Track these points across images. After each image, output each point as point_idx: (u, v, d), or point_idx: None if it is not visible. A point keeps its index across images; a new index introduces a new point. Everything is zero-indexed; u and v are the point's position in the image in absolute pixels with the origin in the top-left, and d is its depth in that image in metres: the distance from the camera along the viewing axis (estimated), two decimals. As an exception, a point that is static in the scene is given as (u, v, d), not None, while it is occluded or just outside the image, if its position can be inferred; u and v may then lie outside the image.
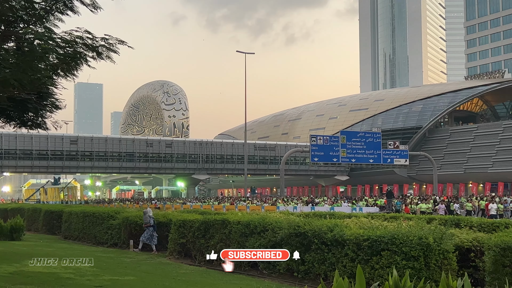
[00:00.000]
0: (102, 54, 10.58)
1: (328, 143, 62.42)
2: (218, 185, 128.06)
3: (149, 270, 13.76)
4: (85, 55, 10.59)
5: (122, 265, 14.41)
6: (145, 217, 18.99)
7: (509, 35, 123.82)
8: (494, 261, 9.51)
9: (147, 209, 20.09)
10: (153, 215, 19.18)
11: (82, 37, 10.34)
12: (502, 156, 75.89)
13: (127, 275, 12.25)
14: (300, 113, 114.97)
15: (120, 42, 10.61)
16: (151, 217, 18.98)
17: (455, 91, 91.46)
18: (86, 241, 22.82)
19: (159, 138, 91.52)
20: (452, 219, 14.36)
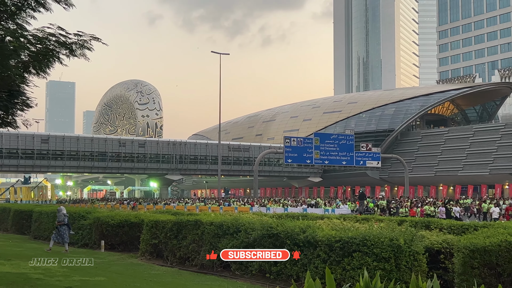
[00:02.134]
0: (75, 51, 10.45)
1: (301, 145, 62.66)
2: (192, 186, 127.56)
3: (120, 271, 13.63)
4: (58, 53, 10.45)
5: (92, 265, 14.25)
6: (59, 215, 18.82)
7: (480, 40, 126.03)
8: (463, 263, 9.66)
9: (61, 207, 19.90)
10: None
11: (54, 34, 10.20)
12: (472, 159, 77.14)
13: (97, 276, 12.12)
14: (275, 115, 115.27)
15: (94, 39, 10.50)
16: (65, 215, 18.84)
17: (427, 94, 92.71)
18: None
19: (132, 138, 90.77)
20: (422, 221, 14.54)
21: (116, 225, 18.84)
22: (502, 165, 73.05)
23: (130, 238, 18.67)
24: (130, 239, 18.66)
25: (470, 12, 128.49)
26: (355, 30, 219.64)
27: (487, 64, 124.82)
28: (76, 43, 10.36)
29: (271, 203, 51.97)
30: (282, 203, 53.15)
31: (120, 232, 18.86)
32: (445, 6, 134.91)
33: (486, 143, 76.21)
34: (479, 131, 79.37)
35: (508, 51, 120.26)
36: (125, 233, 18.81)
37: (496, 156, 74.25)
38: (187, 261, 14.44)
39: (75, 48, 10.41)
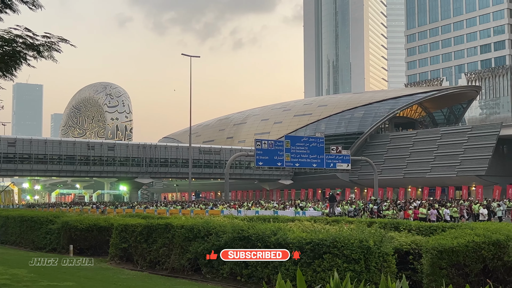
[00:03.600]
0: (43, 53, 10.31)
1: (272, 148, 62.83)
2: (162, 189, 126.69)
3: (89, 276, 13.45)
4: (25, 54, 10.29)
5: (61, 270, 14.03)
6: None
7: (447, 44, 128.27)
8: (432, 264, 9.80)
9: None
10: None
11: (21, 35, 10.04)
12: (440, 161, 78.41)
13: (66, 281, 11.94)
14: (246, 117, 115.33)
15: (62, 40, 10.37)
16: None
17: (395, 98, 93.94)
18: (23, 246, 22.11)
19: (101, 141, 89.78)
20: (391, 222, 14.71)
21: (85, 229, 18.58)
22: (469, 167, 74.40)
23: (99, 242, 18.44)
24: (99, 243, 18.43)
25: (438, 16, 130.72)
26: (325, 33, 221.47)
27: (454, 67, 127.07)
28: (44, 45, 10.22)
29: (255, 206, 51.55)
30: (266, 206, 52.56)
31: (89, 236, 18.61)
32: (413, 10, 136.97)
33: (453, 145, 77.55)
34: (446, 134, 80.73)
35: (474, 55, 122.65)
36: (94, 237, 18.57)
37: (463, 158, 75.60)
38: (158, 265, 14.33)
39: (42, 50, 10.27)
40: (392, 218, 32.40)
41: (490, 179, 72.57)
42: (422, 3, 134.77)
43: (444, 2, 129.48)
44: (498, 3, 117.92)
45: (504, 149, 79.19)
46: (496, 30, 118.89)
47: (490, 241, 10.14)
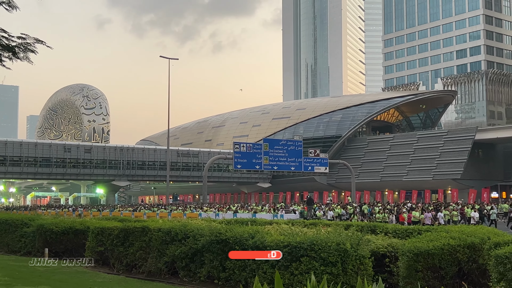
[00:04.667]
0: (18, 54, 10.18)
1: (251, 151, 62.83)
2: (139, 192, 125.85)
3: (64, 279, 13.28)
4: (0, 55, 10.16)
5: (35, 273, 13.84)
6: None
7: (424, 49, 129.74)
8: (408, 266, 9.89)
9: None
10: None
11: (-4, 36, 9.90)
12: (416, 165, 79.19)
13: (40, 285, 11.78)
14: (224, 120, 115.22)
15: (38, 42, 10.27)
16: None
17: (372, 102, 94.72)
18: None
19: (77, 143, 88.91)
20: (368, 225, 14.80)
21: (61, 232, 18.35)
22: (445, 171, 75.29)
23: (75, 246, 18.22)
24: (75, 246, 18.21)
25: (414, 21, 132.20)
26: (304, 37, 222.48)
27: (430, 72, 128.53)
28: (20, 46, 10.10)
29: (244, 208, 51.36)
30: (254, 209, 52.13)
31: (64, 239, 18.39)
32: (390, 15, 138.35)
33: (429, 149, 78.41)
34: (422, 138, 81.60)
35: (451, 60, 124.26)
36: (70, 240, 18.35)
37: (439, 162, 76.48)
38: (134, 269, 14.22)
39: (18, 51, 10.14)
40: (383, 222, 32.49)
41: (466, 183, 73.52)
42: (399, 8, 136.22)
43: (421, 7, 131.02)
44: (474, 9, 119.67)
45: (479, 153, 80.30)
46: (472, 36, 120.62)
47: (465, 244, 10.28)
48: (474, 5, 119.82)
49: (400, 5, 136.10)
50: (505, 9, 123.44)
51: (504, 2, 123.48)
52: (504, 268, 8.15)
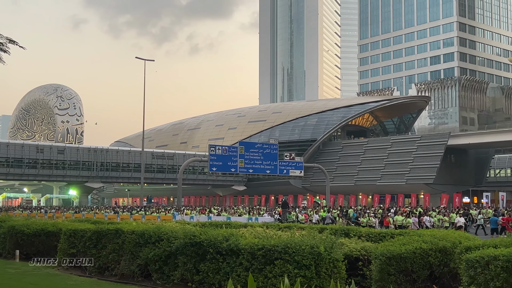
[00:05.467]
0: (-10, 53, 10.01)
1: (226, 153, 62.70)
2: (113, 194, 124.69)
3: (35, 282, 13.09)
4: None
5: (5, 276, 13.61)
6: None
7: (398, 55, 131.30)
8: (381, 270, 9.98)
9: None
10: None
11: (-32, 35, 9.72)
12: (390, 169, 79.94)
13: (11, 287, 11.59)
14: (200, 123, 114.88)
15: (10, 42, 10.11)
16: None
17: (348, 106, 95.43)
18: (-34, 252, 21.31)
19: (50, 144, 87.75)
20: (342, 228, 14.88)
21: (32, 234, 18.10)
22: (418, 176, 76.12)
23: (47, 248, 17.97)
24: (47, 248, 17.96)
25: (390, 27, 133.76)
26: (280, 41, 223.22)
27: (404, 78, 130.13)
28: (-8, 45, 9.93)
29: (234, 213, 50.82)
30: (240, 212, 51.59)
31: (36, 241, 18.13)
32: (366, 21, 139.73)
33: (403, 154, 79.21)
34: (396, 142, 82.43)
35: (425, 66, 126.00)
36: (41, 242, 18.10)
37: (412, 167, 77.31)
38: (107, 271, 14.09)
39: (-10, 50, 9.97)
40: (368, 226, 32.58)
41: (438, 188, 74.43)
42: (375, 14, 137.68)
43: (396, 13, 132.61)
44: (448, 16, 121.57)
45: (452, 158, 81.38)
46: (445, 43, 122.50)
47: (437, 248, 10.41)
48: (448, 12, 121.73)
49: (375, 11, 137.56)
50: (478, 17, 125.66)
51: (478, 10, 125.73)
52: (475, 272, 8.27)
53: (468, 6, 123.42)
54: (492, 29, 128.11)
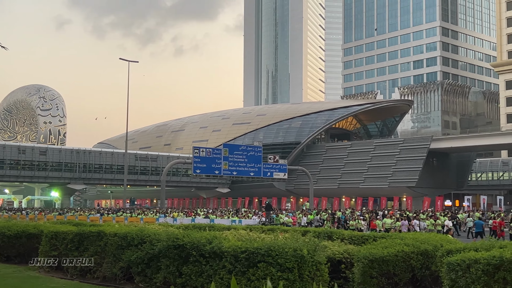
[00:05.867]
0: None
1: (210, 155, 62.67)
2: (96, 196, 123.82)
3: (16, 284, 12.95)
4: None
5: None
6: None
7: (382, 59, 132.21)
8: (363, 273, 10.02)
9: None
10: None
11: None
12: (373, 172, 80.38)
13: (-9, 290, 11.46)
14: (184, 125, 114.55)
15: (-8, 42, 9.99)
16: None
17: (331, 109, 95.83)
18: None
19: (32, 145, 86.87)
20: (325, 231, 14.92)
21: (13, 236, 17.90)
22: (400, 179, 76.65)
23: (28, 250, 17.78)
24: (28, 250, 17.77)
25: (373, 31, 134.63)
26: (265, 44, 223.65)
27: (388, 81, 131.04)
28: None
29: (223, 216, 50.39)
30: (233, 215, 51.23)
31: (17, 243, 17.93)
32: (350, 25, 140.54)
33: (386, 157, 79.71)
34: (379, 146, 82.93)
35: (408, 70, 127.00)
36: (22, 244, 17.91)
37: (395, 170, 77.83)
38: (89, 274, 13.98)
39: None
40: (357, 229, 32.59)
41: (420, 191, 75.01)
42: (359, 18, 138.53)
43: (380, 18, 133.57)
44: (431, 20, 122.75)
45: (434, 161, 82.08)
46: (428, 47, 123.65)
47: (418, 251, 10.49)
48: (431, 17, 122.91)
49: (359, 15, 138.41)
50: (461, 22, 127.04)
51: (460, 15, 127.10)
52: (456, 275, 8.35)
53: (451, 11, 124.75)
54: (474, 34, 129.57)
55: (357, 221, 36.87)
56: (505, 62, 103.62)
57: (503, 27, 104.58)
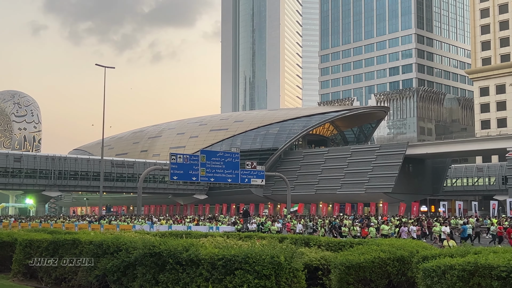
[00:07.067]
0: None
1: (188, 162, 62.39)
2: (71, 203, 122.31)
3: (-11, 295, 12.71)
4: None
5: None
6: None
7: (358, 66, 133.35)
8: (340, 279, 10.05)
9: None
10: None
11: None
12: (350, 178, 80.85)
13: (-38, 301, 11.21)
14: (161, 131, 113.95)
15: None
16: None
17: (309, 115, 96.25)
18: None
19: (6, 152, 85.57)
20: (302, 238, 14.94)
21: (-14, 245, 17.58)
22: (377, 185, 77.21)
23: (1, 258, 17.49)
24: (1, 259, 17.48)
25: (350, 38, 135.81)
26: (242, 50, 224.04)
27: (364, 88, 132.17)
28: None
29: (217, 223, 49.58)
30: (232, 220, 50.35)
31: (-10, 252, 17.62)
32: (327, 31, 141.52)
33: (362, 163, 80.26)
34: (356, 152, 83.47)
35: (384, 77, 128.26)
36: (-5, 253, 17.60)
37: (372, 176, 78.38)
38: (64, 282, 13.79)
39: None
40: (351, 236, 32.42)
41: (396, 196, 75.63)
42: (335, 25, 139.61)
43: (356, 25, 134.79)
44: (407, 28, 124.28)
45: (410, 167, 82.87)
46: (404, 54, 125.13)
47: (395, 257, 10.56)
48: (407, 25, 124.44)
49: (336, 22, 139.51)
50: (436, 29, 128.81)
51: (435, 23, 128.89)
52: (431, 281, 8.41)
53: (426, 18, 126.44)
54: (449, 42, 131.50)
55: (352, 227, 36.02)
56: (479, 69, 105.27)
57: (477, 34, 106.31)
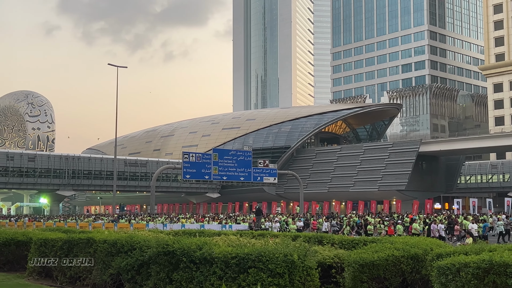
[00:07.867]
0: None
1: (200, 161, 62.51)
2: (85, 202, 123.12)
3: (5, 293, 12.83)
4: None
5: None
6: None
7: (370, 63, 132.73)
8: (353, 277, 10.02)
9: None
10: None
11: None
12: (363, 176, 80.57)
13: (-21, 299, 11.33)
14: (173, 130, 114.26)
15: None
16: None
17: (321, 113, 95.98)
18: None
19: (21, 152, 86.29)
20: (315, 236, 14.92)
21: (2, 244, 17.75)
22: (390, 182, 76.86)
23: (17, 257, 17.64)
24: (17, 258, 17.63)
25: (362, 35, 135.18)
26: (254, 48, 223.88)
27: (376, 85, 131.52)
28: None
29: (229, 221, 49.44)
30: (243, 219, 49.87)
31: (5, 251, 17.78)
32: (339, 29, 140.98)
33: (375, 161, 79.94)
34: (369, 149, 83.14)
35: (396, 74, 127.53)
36: (11, 252, 17.76)
37: (385, 174, 78.06)
38: (78, 281, 13.88)
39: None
40: (376, 234, 32.11)
41: (410, 194, 75.25)
42: (347, 22, 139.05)
43: (368, 22, 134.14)
44: (419, 24, 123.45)
45: (423, 165, 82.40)
46: (416, 51, 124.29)
47: (409, 255, 10.51)
48: (419, 21, 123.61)
49: (348, 19, 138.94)
50: (448, 26, 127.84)
51: (448, 19, 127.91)
52: (446, 279, 8.37)
53: (439, 15, 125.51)
54: (462, 38, 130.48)
55: (379, 225, 35.58)
56: (492, 65, 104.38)
57: (490, 30, 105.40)
